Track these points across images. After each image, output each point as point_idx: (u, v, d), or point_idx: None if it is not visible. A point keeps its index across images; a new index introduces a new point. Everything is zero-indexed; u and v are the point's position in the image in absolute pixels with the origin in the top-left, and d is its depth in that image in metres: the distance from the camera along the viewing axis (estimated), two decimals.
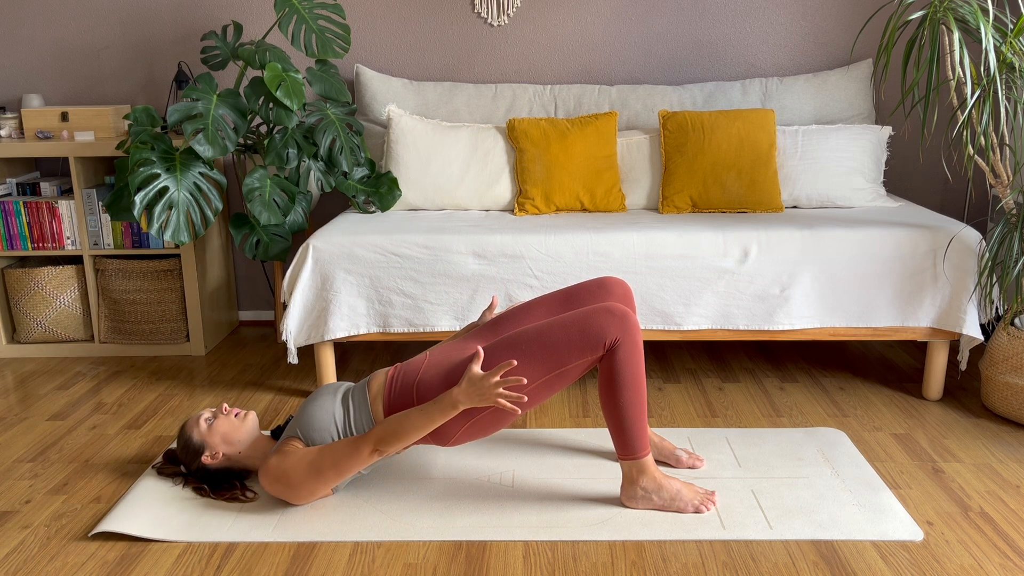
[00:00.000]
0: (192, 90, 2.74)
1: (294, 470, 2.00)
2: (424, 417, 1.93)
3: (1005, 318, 2.56)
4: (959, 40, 2.41)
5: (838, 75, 3.27)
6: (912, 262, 2.61)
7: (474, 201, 3.09)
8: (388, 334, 2.72)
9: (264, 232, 2.96)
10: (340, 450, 1.98)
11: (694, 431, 2.51)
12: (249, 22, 3.39)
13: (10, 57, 3.44)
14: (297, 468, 2.00)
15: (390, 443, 1.95)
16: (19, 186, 3.25)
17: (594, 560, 1.87)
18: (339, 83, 2.98)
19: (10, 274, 3.25)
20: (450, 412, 1.92)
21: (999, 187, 2.60)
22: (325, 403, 2.09)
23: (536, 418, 2.64)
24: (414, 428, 1.93)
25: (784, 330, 2.67)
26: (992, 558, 1.86)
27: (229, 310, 3.60)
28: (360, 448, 1.96)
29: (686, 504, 2.04)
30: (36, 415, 2.73)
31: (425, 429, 1.94)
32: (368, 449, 1.96)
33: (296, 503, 2.07)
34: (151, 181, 2.68)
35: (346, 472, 1.99)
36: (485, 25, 3.38)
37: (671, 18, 3.36)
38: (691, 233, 2.65)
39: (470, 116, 3.30)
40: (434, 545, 1.94)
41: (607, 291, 2.21)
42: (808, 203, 3.04)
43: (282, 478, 2.00)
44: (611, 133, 3.07)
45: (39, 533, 2.02)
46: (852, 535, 1.94)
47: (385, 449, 1.95)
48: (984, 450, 2.39)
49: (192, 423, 2.16)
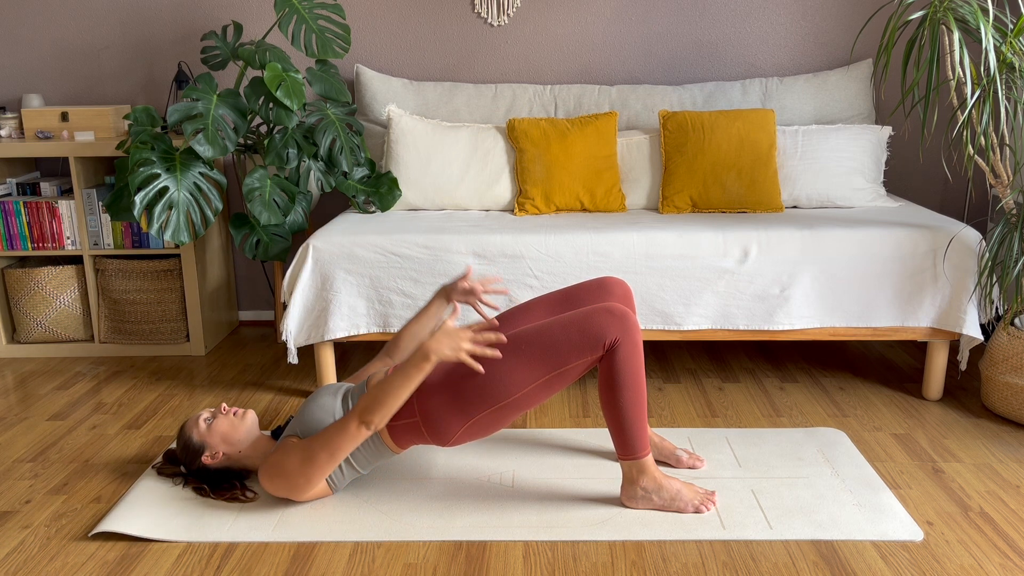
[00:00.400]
0: (192, 90, 2.74)
1: (288, 461, 2.00)
2: (402, 377, 1.92)
3: (1005, 318, 2.56)
4: (959, 40, 2.41)
5: (838, 75, 3.27)
6: (912, 262, 2.61)
7: (474, 201, 3.09)
8: (388, 334, 2.72)
9: (264, 232, 2.96)
10: (329, 432, 1.97)
11: (694, 431, 2.51)
12: (249, 22, 3.39)
13: (10, 57, 3.44)
14: (291, 458, 2.00)
15: (373, 411, 1.93)
16: (19, 186, 3.25)
17: (594, 560, 1.87)
18: (339, 83, 2.98)
19: (10, 274, 3.25)
20: (423, 365, 1.91)
21: (999, 187, 2.60)
22: (325, 403, 2.09)
23: (536, 418, 2.64)
24: (394, 389, 1.92)
25: (784, 330, 2.67)
26: (992, 558, 1.86)
27: (229, 310, 3.60)
28: (347, 425, 1.95)
29: (686, 504, 2.04)
30: (36, 415, 2.73)
31: (404, 389, 1.92)
32: (355, 423, 1.94)
33: (296, 498, 2.06)
34: (151, 181, 2.68)
35: (338, 452, 1.98)
36: (485, 25, 3.38)
37: (671, 18, 3.36)
38: (691, 233, 2.65)
39: (470, 116, 3.30)
40: (434, 545, 1.94)
41: (607, 291, 2.21)
42: (808, 203, 3.04)
43: (279, 472, 2.01)
44: (611, 133, 3.07)
45: (39, 533, 2.02)
46: (852, 535, 1.94)
47: (371, 419, 1.93)
48: (984, 450, 2.39)
49: (192, 423, 2.16)
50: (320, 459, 1.99)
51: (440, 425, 1.99)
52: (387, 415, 1.94)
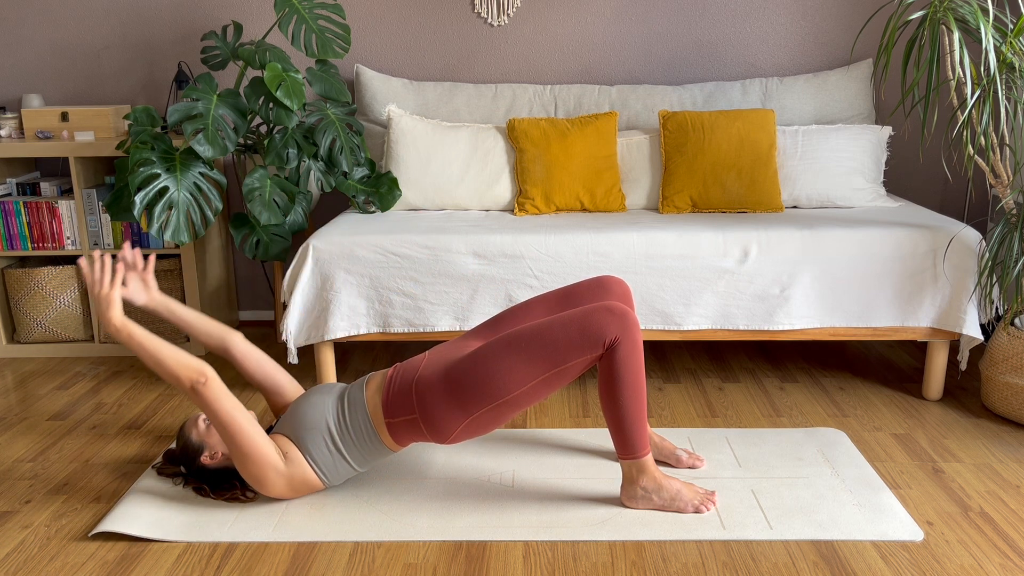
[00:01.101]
0: (192, 90, 2.74)
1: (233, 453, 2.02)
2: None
3: (1005, 318, 2.56)
4: (959, 40, 2.41)
5: (838, 75, 3.27)
6: (912, 262, 2.61)
7: (474, 201, 3.09)
8: (388, 334, 2.72)
9: (264, 232, 2.96)
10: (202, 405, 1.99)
11: (694, 431, 2.51)
12: (249, 22, 3.39)
13: (10, 57, 3.44)
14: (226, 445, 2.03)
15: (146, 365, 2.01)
16: (19, 186, 3.25)
17: (594, 560, 1.87)
18: (339, 83, 2.98)
19: (10, 274, 3.25)
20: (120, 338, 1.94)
21: (999, 187, 2.60)
22: (317, 402, 2.09)
23: (536, 418, 2.64)
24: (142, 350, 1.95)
25: (784, 330, 2.67)
26: (992, 558, 1.86)
27: (229, 310, 3.60)
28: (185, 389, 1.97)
29: (686, 504, 2.04)
30: (36, 415, 2.73)
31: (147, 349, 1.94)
32: (186, 386, 1.95)
33: (271, 491, 2.06)
34: (151, 181, 2.68)
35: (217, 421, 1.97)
36: (485, 25, 3.38)
37: (671, 18, 3.36)
38: (691, 233, 2.65)
39: (470, 116, 3.30)
40: (434, 545, 1.94)
41: (606, 290, 2.21)
42: (808, 203, 3.04)
43: (240, 465, 2.02)
44: (611, 133, 3.07)
45: (39, 533, 2.02)
46: (852, 535, 1.94)
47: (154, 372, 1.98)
48: (984, 450, 2.39)
49: (191, 423, 2.16)
50: (228, 439, 1.99)
51: (439, 422, 1.99)
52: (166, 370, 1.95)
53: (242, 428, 1.97)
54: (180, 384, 1.95)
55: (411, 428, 2.02)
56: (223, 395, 1.96)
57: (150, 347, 1.94)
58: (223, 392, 1.97)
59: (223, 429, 1.97)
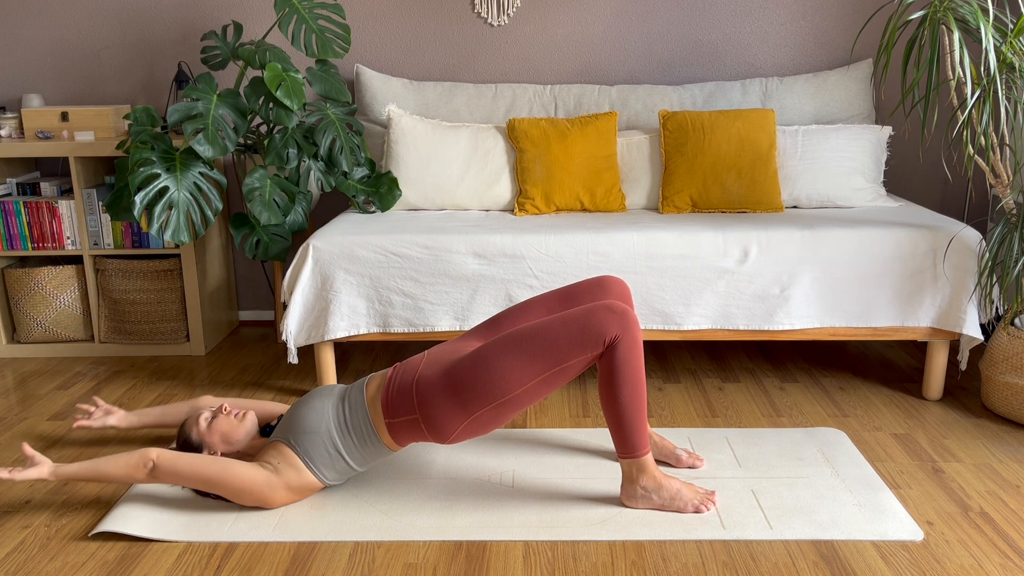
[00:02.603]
0: (192, 90, 2.74)
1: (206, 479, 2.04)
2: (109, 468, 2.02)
3: (1005, 318, 2.56)
4: (959, 40, 2.41)
5: (838, 75, 3.27)
6: (912, 262, 2.61)
7: (474, 201, 3.09)
8: (388, 334, 2.72)
9: (264, 232, 2.96)
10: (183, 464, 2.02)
11: (694, 431, 2.51)
12: (249, 22, 3.39)
13: (10, 57, 3.45)
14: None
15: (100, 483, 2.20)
16: (19, 186, 3.25)
17: (594, 560, 1.87)
18: (339, 83, 2.98)
19: (10, 274, 3.25)
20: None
21: (999, 187, 2.60)
22: (317, 405, 2.08)
23: (536, 418, 2.64)
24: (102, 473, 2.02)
25: (784, 330, 2.67)
26: (992, 558, 1.86)
27: (229, 310, 3.60)
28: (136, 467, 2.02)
29: (686, 504, 2.04)
30: (36, 415, 2.73)
31: (88, 476, 2.01)
32: (143, 477, 2.01)
33: (270, 507, 2.09)
34: (151, 181, 2.68)
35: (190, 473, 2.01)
36: (485, 25, 3.38)
37: (671, 18, 3.36)
38: (691, 233, 2.65)
39: (470, 116, 3.30)
40: (434, 545, 1.94)
41: (605, 290, 2.21)
42: (808, 203, 3.04)
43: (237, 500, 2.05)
44: (611, 133, 3.07)
45: (39, 533, 2.02)
46: (852, 535, 1.94)
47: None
48: (984, 450, 2.39)
49: (191, 423, 2.16)
50: (212, 489, 2.03)
51: (440, 422, 1.99)
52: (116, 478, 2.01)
53: (215, 475, 2.00)
54: (137, 479, 2.01)
55: (411, 428, 2.02)
56: (178, 461, 2.01)
57: (88, 473, 2.01)
58: (176, 459, 2.01)
59: (203, 486, 2.02)
